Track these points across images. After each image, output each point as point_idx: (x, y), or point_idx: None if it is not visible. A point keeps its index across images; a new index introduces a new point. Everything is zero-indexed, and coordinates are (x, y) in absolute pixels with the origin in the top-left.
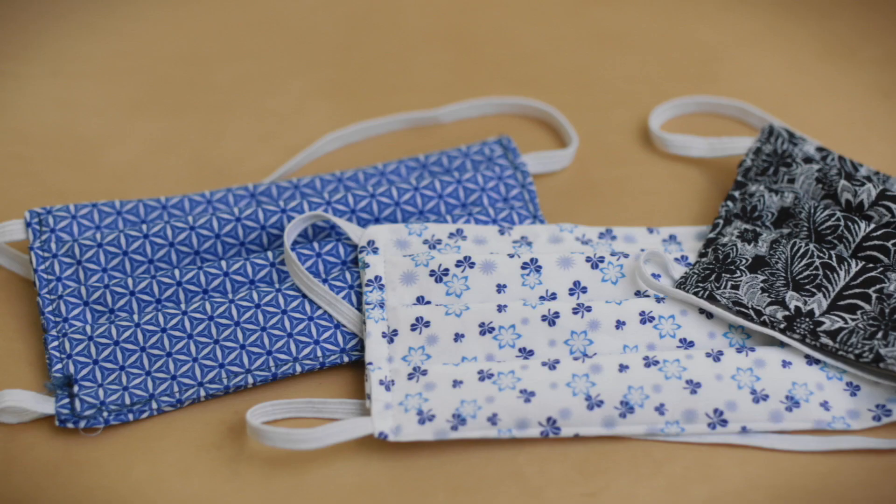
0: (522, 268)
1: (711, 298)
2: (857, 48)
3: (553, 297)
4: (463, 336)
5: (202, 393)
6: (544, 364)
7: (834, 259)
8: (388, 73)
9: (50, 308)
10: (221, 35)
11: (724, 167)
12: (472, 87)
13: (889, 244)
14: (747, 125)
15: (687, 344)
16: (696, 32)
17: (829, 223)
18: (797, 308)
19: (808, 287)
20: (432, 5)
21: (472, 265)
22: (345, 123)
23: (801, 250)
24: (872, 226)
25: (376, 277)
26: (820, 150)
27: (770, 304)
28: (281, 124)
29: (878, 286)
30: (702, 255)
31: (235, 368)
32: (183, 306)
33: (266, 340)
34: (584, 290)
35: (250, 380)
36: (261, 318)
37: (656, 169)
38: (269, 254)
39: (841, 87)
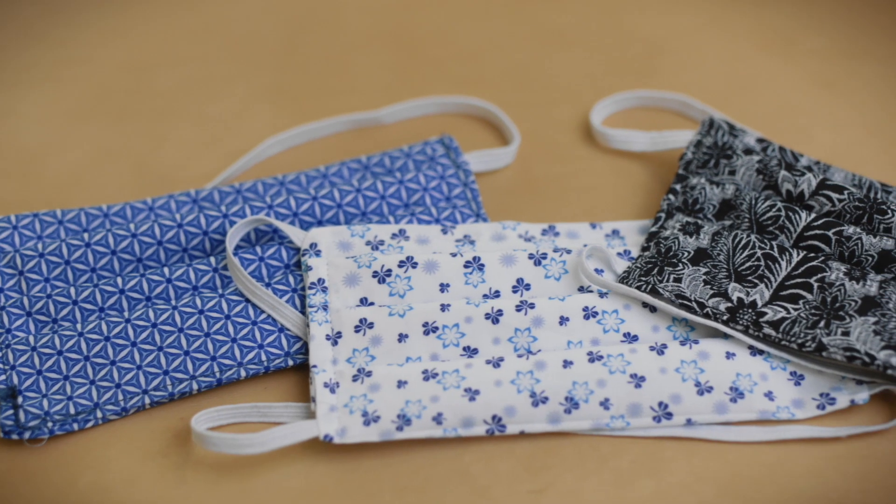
0: (465, 266)
1: (654, 292)
2: (798, 39)
3: (496, 294)
4: (407, 336)
5: (147, 400)
6: (488, 362)
7: (775, 249)
8: (330, 75)
9: None
10: (162, 41)
11: (666, 161)
12: (413, 87)
13: (830, 233)
14: (689, 118)
15: (631, 338)
16: (637, 27)
17: (771, 214)
18: (740, 299)
19: (750, 278)
20: (373, 6)
21: (414, 265)
22: (287, 127)
23: (743, 242)
24: (813, 215)
25: (319, 280)
26: (760, 141)
27: (713, 296)
28: (223, 129)
29: (819, 275)
30: (644, 249)
31: (180, 375)
32: (126, 314)
33: (210, 346)
34: (528, 286)
35: (195, 386)
36: (204, 323)
37: (598, 164)
38: (212, 259)
39: (782, 78)
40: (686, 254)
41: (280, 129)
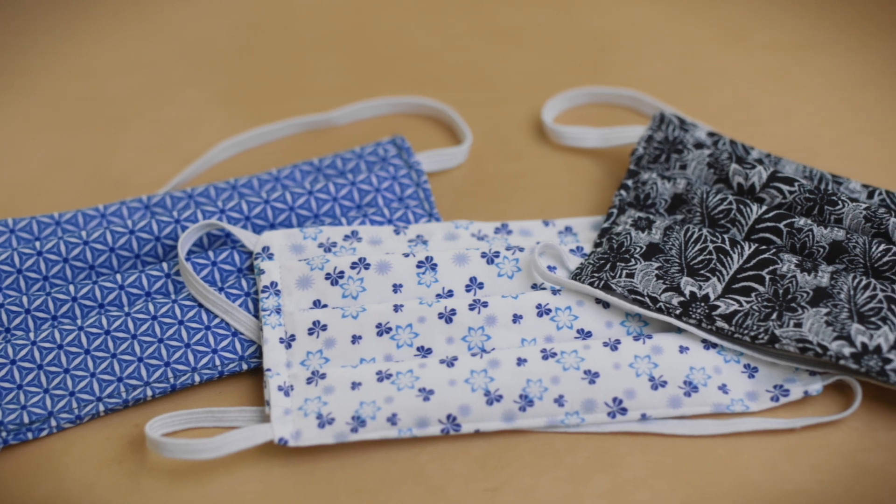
0: (418, 266)
1: (607, 288)
2: (750, 32)
3: (450, 294)
4: (360, 338)
5: (101, 408)
6: (442, 362)
7: (727, 243)
8: (283, 77)
9: None
10: (115, 48)
11: (618, 157)
12: (366, 88)
13: (781, 225)
14: (641, 114)
15: (584, 334)
16: (589, 23)
17: (722, 207)
18: (692, 293)
19: (702, 272)
20: (324, 8)
21: (367, 266)
22: (241, 130)
23: (695, 236)
24: (764, 208)
25: (272, 283)
26: (711, 135)
27: (665, 290)
28: (177, 134)
29: (771, 268)
30: (597, 245)
31: (134, 382)
32: (79, 322)
33: (164, 352)
34: (481, 285)
35: (149, 392)
36: (158, 329)
37: (551, 162)
38: (164, 265)
39: (734, 72)
40: (638, 249)
41: (234, 132)
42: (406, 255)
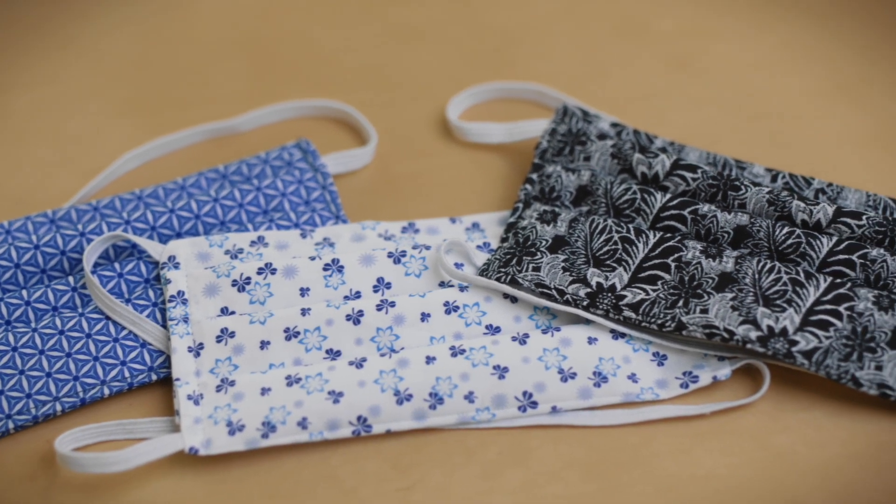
0: (324, 269)
1: (514, 282)
2: (651, 22)
3: (357, 295)
4: (269, 343)
5: (11, 425)
6: (351, 363)
7: (632, 232)
8: (186, 86)
9: None
10: (14, 62)
11: (524, 151)
12: (270, 93)
13: (685, 213)
14: (546, 107)
15: (493, 330)
16: (491, 19)
17: (626, 197)
18: (599, 284)
19: (608, 262)
20: (224, 15)
21: (273, 271)
22: (145, 141)
23: (600, 227)
24: (668, 196)
25: (179, 292)
26: (615, 125)
27: (572, 282)
28: (80, 147)
29: (676, 255)
30: (503, 240)
31: (43, 397)
32: None
33: (72, 366)
34: (389, 285)
35: (59, 407)
36: (65, 344)
37: (457, 159)
38: (71, 279)
39: (637, 62)
40: (544, 242)
41: (138, 143)
42: (312, 259)
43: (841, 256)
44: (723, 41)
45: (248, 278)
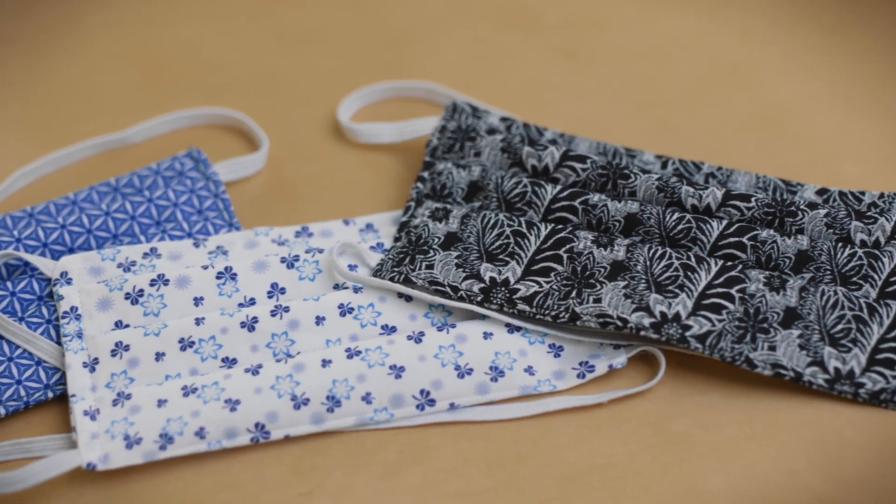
0: (217, 277)
1: (408, 281)
2: (540, 14)
3: (252, 302)
4: (164, 354)
5: None
6: (247, 371)
7: (524, 226)
8: (75, 100)
9: None
10: None
11: (416, 150)
12: (160, 104)
13: (576, 203)
14: (437, 105)
15: (389, 330)
16: (380, 19)
17: (517, 191)
18: (492, 279)
19: (501, 257)
20: (112, 27)
21: (166, 282)
22: (35, 158)
23: (492, 221)
24: (559, 188)
25: (72, 308)
26: (504, 119)
27: (466, 278)
28: None
29: (568, 246)
30: (396, 239)
31: None
32: None
33: None
34: (283, 291)
35: None
36: None
37: (350, 161)
38: None
39: (527, 54)
40: (436, 240)
41: (28, 160)
42: (205, 268)
43: (731, 239)
44: (610, 31)
45: (141, 290)
